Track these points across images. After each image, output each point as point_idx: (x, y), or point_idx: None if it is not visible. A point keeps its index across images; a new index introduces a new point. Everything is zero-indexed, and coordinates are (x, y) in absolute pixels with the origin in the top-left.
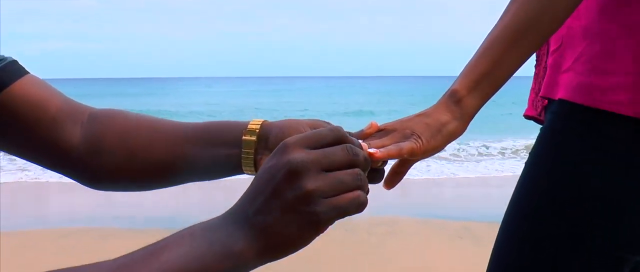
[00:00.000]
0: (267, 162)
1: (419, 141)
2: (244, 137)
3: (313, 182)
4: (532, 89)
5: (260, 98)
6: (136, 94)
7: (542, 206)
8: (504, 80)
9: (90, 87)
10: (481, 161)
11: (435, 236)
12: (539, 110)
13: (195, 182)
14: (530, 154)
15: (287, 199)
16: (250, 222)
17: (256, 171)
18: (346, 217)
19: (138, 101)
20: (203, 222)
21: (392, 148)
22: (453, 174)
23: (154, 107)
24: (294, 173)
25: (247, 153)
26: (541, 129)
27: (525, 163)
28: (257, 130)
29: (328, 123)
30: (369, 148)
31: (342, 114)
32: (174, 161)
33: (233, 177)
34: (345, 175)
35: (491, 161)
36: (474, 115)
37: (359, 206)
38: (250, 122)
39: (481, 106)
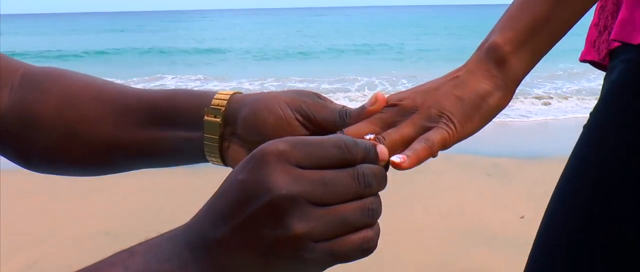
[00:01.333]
0: (239, 170)
1: (451, 125)
2: (205, 117)
3: (305, 223)
4: (594, 24)
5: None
6: (137, 30)
7: (611, 174)
8: (567, 27)
9: (80, 22)
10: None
11: (464, 173)
12: (603, 54)
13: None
14: (591, 113)
15: (264, 238)
16: (208, 250)
17: (224, 162)
18: None
19: (139, 38)
20: (153, 238)
21: (419, 149)
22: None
23: (159, 44)
24: (278, 208)
25: (211, 139)
26: (608, 81)
27: (584, 126)
28: (223, 109)
29: (318, 97)
30: (390, 154)
31: (352, 51)
32: (122, 142)
33: None
34: (350, 211)
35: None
36: (520, 82)
37: (366, 251)
38: (216, 95)
39: (531, 69)
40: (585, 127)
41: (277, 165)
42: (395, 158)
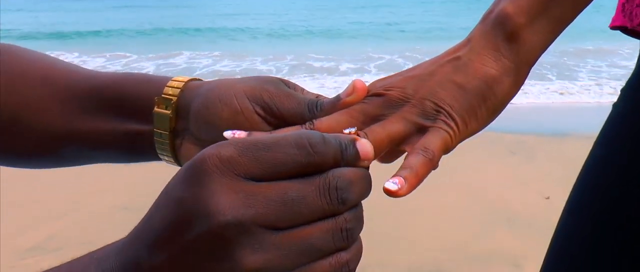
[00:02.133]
0: (177, 182)
1: (451, 123)
2: (155, 109)
3: (259, 255)
4: None
5: None
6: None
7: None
8: None
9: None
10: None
11: (487, 150)
12: (636, 20)
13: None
14: (623, 90)
15: (209, 270)
16: None
17: (177, 161)
18: None
19: (151, 15)
20: (81, 258)
21: (418, 165)
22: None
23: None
24: (222, 238)
25: (161, 135)
26: None
27: (614, 105)
28: (175, 99)
29: (285, 84)
30: (375, 154)
31: (377, 26)
32: (69, 133)
33: None
34: (317, 234)
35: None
36: (534, 63)
37: None
38: (170, 82)
39: (548, 45)
40: (615, 105)
41: (220, 179)
42: (390, 184)
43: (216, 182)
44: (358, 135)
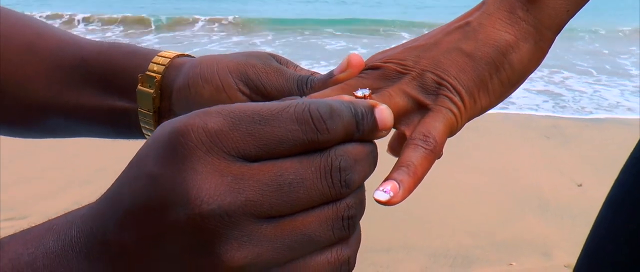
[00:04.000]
0: (151, 154)
1: (456, 98)
2: (139, 86)
3: (246, 250)
4: None
5: None
6: None
7: None
8: None
9: None
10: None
11: (520, 133)
12: None
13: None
14: None
15: (184, 264)
16: (106, 250)
17: None
18: None
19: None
20: (34, 228)
21: (416, 161)
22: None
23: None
24: (203, 229)
25: (145, 115)
26: None
27: None
28: (158, 78)
29: (275, 59)
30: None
31: None
32: (56, 105)
33: None
34: (315, 224)
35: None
36: (562, 27)
37: None
38: (155, 58)
39: (575, 11)
40: None
41: (205, 157)
42: (380, 194)
43: (200, 161)
44: (372, 98)
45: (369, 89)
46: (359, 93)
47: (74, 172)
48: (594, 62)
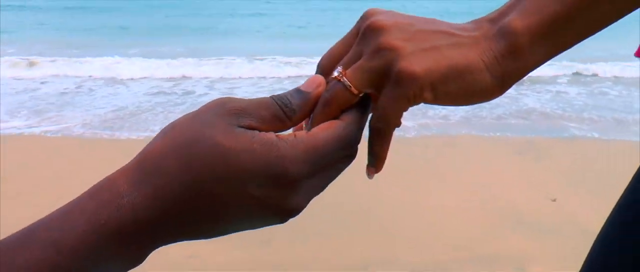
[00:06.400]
0: (253, 177)
1: (404, 65)
2: None
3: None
4: None
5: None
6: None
7: None
8: (609, 22)
9: None
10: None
11: (494, 150)
12: None
13: None
14: None
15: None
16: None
17: None
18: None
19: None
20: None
21: (374, 149)
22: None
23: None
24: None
25: None
26: None
27: None
28: None
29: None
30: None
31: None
32: None
33: None
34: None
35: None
36: (518, 80)
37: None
38: None
39: (537, 67)
40: None
41: (298, 191)
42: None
43: (296, 193)
44: (345, 74)
45: (341, 66)
46: (335, 73)
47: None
48: None
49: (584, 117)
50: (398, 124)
